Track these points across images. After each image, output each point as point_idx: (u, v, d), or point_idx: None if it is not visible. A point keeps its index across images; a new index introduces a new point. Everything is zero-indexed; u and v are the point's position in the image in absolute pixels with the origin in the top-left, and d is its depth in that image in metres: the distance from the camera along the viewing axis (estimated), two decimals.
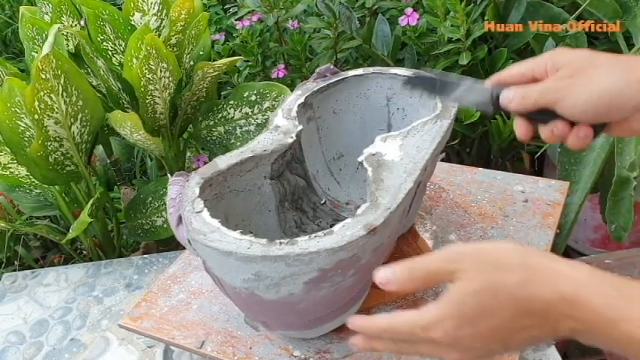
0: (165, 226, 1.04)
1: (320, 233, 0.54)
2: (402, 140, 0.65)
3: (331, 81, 0.77)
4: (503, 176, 0.86)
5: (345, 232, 0.53)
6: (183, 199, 0.60)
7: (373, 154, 0.64)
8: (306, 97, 0.75)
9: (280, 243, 0.53)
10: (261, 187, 0.71)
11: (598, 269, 0.41)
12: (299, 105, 0.74)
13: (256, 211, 0.71)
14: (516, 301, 0.41)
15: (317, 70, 0.79)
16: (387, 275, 0.45)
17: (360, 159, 0.65)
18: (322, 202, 0.78)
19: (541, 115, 0.51)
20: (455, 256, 0.44)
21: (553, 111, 0.50)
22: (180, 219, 0.59)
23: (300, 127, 0.71)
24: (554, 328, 0.41)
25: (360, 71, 0.78)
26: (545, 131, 0.51)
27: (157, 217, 1.06)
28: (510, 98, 0.52)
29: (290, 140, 0.69)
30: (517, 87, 0.52)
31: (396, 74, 0.76)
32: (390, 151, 0.65)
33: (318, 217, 0.77)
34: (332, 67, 0.79)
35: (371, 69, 0.79)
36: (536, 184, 0.83)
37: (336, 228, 0.54)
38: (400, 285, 0.45)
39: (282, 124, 0.72)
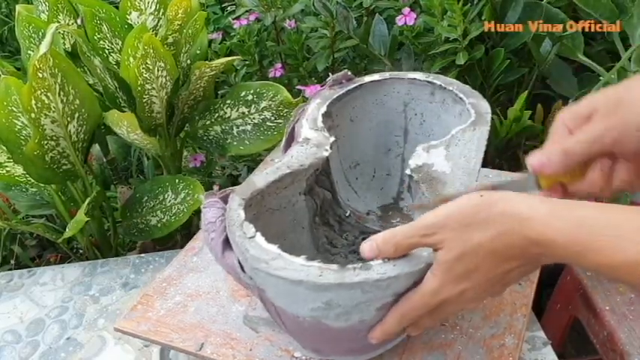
0: (159, 225, 1.04)
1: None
2: (445, 150, 0.63)
3: (349, 88, 0.75)
4: (495, 174, 0.86)
5: (422, 253, 0.51)
6: (229, 222, 0.55)
7: (420, 166, 0.62)
8: (327, 106, 0.72)
9: (354, 269, 0.50)
10: (295, 204, 0.68)
11: (555, 203, 0.45)
12: (323, 114, 0.71)
13: (290, 229, 0.68)
14: (494, 253, 0.47)
15: (332, 76, 0.76)
16: (372, 249, 0.51)
17: (407, 172, 0.63)
18: (347, 214, 0.75)
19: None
20: (431, 229, 0.49)
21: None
22: (225, 244, 0.55)
23: (332, 139, 0.68)
24: (534, 264, 0.48)
25: (376, 77, 0.76)
26: (592, 176, 0.50)
27: (152, 216, 1.06)
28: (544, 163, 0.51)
29: (325, 153, 0.66)
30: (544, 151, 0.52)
31: (414, 79, 0.75)
32: (438, 162, 0.62)
33: (344, 230, 0.74)
34: (348, 72, 0.77)
35: (387, 74, 0.76)
36: None
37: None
38: (385, 256, 0.51)
39: (311, 136, 0.69)
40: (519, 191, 0.51)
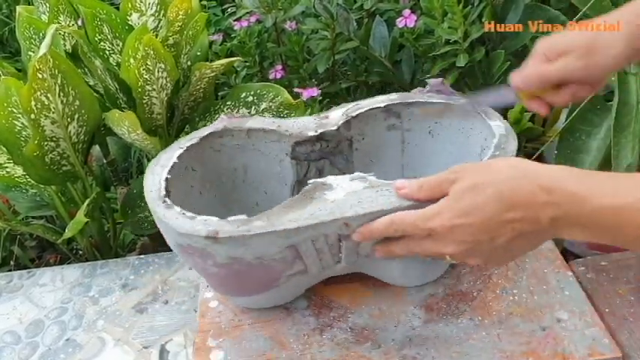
0: None
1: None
2: None
3: (432, 101, 0.73)
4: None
5: None
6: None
7: None
8: (387, 105, 0.73)
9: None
10: (282, 160, 0.73)
11: (570, 168, 0.50)
12: (377, 108, 0.72)
13: (275, 179, 0.74)
14: (501, 193, 0.49)
15: (430, 82, 0.74)
16: (403, 184, 0.57)
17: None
18: None
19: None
20: (457, 169, 0.54)
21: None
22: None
23: (333, 128, 0.71)
24: (536, 220, 0.48)
25: (466, 103, 0.72)
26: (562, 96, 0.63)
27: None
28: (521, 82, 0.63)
29: (310, 133, 0.70)
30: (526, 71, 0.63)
31: (491, 126, 0.70)
32: None
33: None
34: (448, 86, 0.75)
35: (479, 107, 0.72)
36: None
37: None
38: (411, 192, 0.57)
39: (333, 116, 0.72)
40: (503, 101, 0.68)
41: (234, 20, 1.25)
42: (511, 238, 0.50)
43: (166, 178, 0.67)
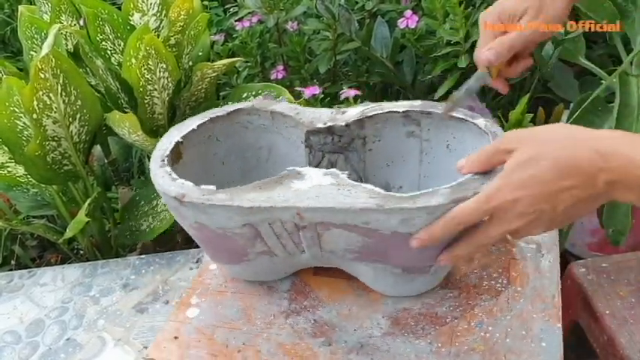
0: (147, 230, 1.05)
1: None
2: None
3: (453, 115, 0.71)
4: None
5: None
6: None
7: None
8: (407, 111, 0.72)
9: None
10: (298, 147, 0.75)
11: (616, 131, 0.50)
12: (395, 112, 0.72)
13: (293, 164, 0.74)
14: (558, 161, 0.50)
15: (453, 96, 0.71)
16: (462, 163, 0.59)
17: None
18: None
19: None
20: (510, 138, 0.54)
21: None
22: None
23: (341, 124, 0.72)
24: (592, 185, 0.49)
25: (482, 124, 0.69)
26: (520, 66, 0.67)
27: (144, 220, 1.06)
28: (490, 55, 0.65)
29: (319, 124, 0.72)
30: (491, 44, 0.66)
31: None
32: None
33: None
34: (478, 103, 0.74)
35: (491, 127, 0.68)
36: None
37: None
38: (471, 167, 0.58)
39: (350, 113, 0.73)
40: (481, 84, 0.69)
41: (236, 20, 1.25)
42: (570, 205, 0.51)
43: (177, 142, 0.71)
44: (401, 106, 0.73)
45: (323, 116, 0.73)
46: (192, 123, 0.74)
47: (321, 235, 0.63)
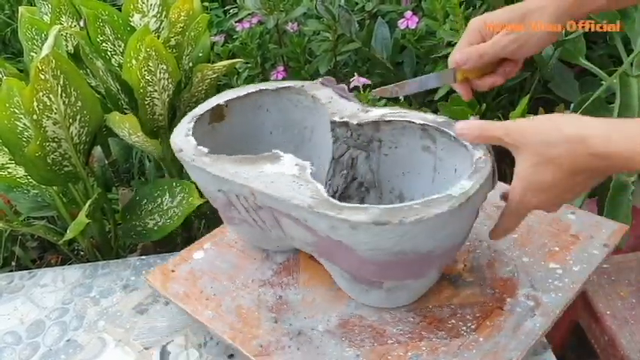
0: (155, 228, 1.04)
1: None
2: None
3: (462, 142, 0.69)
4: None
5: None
6: None
7: None
8: (424, 125, 0.70)
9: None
10: (327, 134, 0.77)
11: (609, 120, 0.52)
12: (413, 123, 0.70)
13: (325, 145, 0.78)
14: (564, 167, 0.53)
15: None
16: (462, 126, 0.61)
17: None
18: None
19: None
20: (514, 131, 0.57)
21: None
22: None
23: (354, 122, 0.71)
24: (601, 174, 0.55)
25: (476, 155, 0.66)
26: (488, 81, 0.68)
27: (150, 219, 1.06)
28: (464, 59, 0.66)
29: (335, 117, 0.73)
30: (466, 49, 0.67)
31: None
32: None
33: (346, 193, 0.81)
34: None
35: (480, 162, 0.64)
36: None
37: None
38: (470, 135, 0.61)
39: (373, 113, 0.72)
40: (442, 83, 0.70)
41: (236, 21, 1.25)
42: (585, 187, 0.57)
43: (219, 104, 0.78)
44: (419, 117, 0.70)
45: (347, 111, 0.73)
46: (240, 91, 0.80)
47: (278, 219, 0.66)
